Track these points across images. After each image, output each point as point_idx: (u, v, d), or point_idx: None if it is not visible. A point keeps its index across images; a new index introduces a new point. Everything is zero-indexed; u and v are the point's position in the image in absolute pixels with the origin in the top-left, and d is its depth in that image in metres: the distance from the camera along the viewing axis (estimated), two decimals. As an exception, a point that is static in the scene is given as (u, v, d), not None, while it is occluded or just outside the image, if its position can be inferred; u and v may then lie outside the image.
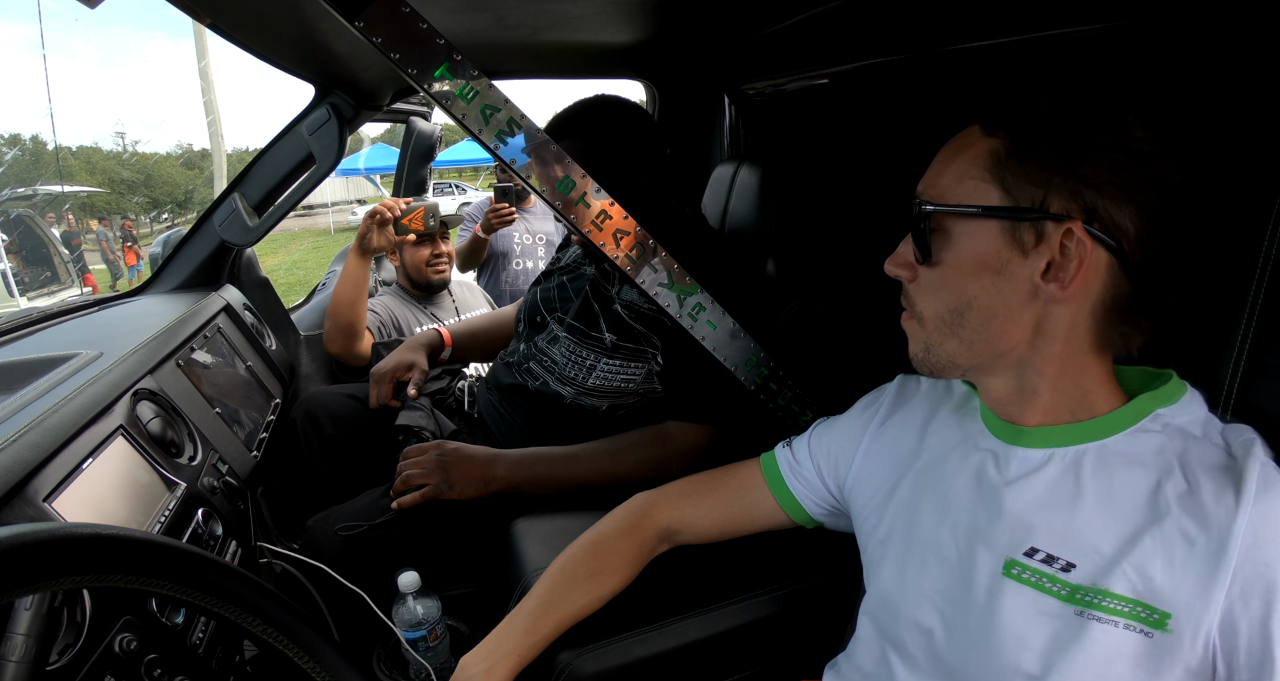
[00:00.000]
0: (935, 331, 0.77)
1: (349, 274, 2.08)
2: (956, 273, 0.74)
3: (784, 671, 1.08)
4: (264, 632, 0.57)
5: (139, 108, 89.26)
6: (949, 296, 0.75)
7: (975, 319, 0.74)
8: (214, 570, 0.53)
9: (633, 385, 1.48)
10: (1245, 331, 0.76)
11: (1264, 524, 0.61)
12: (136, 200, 27.45)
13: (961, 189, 0.73)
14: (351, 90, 1.81)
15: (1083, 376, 0.74)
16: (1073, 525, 0.70)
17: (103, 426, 1.08)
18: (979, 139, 0.73)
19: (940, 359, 0.78)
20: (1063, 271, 0.68)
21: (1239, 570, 0.61)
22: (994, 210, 0.70)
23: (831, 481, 0.99)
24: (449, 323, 2.45)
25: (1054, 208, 0.68)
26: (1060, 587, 0.69)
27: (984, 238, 0.71)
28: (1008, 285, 0.71)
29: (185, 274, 1.98)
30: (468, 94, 1.02)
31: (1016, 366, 0.75)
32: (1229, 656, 0.61)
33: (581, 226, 1.13)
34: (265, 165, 1.91)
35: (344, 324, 2.13)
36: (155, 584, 0.49)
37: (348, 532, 1.38)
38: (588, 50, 1.87)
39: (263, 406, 1.72)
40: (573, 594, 0.99)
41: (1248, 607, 0.60)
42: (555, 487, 1.41)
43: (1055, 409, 0.75)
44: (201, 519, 1.16)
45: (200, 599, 0.52)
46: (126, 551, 0.47)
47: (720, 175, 1.94)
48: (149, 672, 0.87)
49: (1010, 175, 0.70)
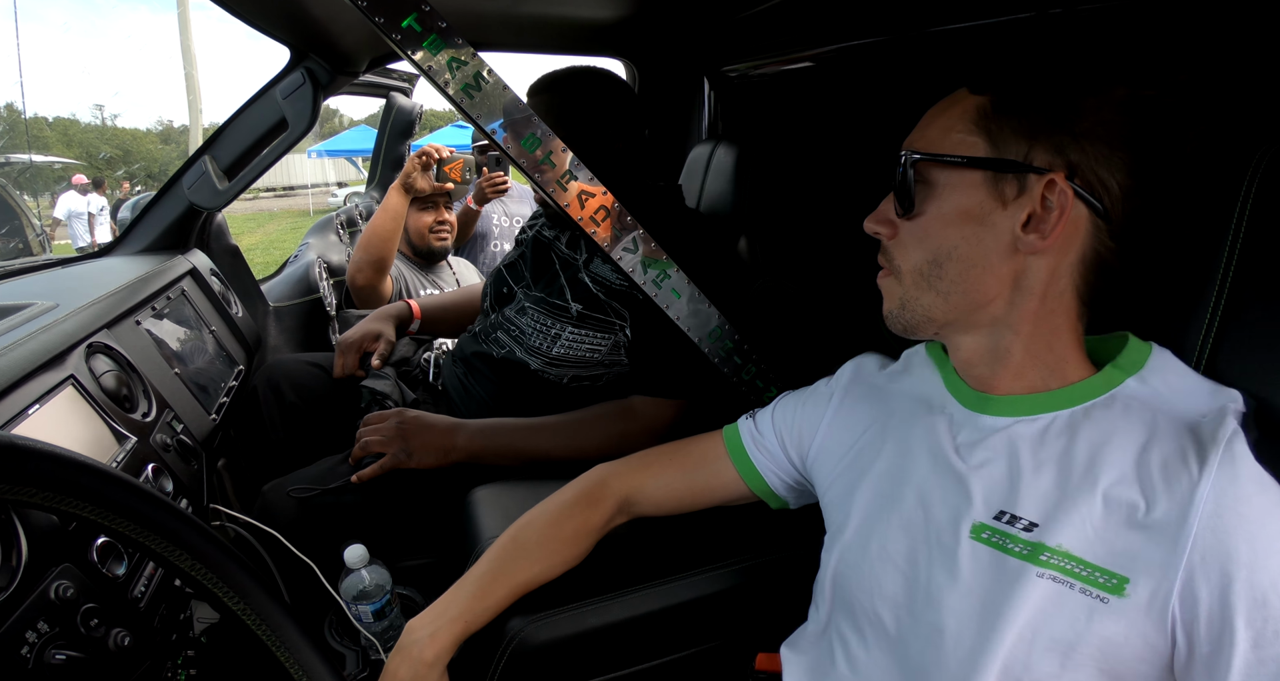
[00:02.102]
0: (913, 285, 0.78)
1: (389, 207, 2.15)
2: (939, 222, 0.75)
3: (742, 645, 1.07)
4: (192, 568, 0.55)
5: (119, 81, 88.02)
6: (929, 246, 0.75)
7: (954, 269, 0.74)
8: (140, 497, 0.52)
9: (598, 355, 1.46)
10: (1216, 300, 0.77)
11: (1226, 493, 0.61)
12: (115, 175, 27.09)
13: (948, 141, 0.74)
14: (328, 55, 1.78)
15: (1056, 340, 0.75)
16: (1036, 489, 0.71)
17: (52, 376, 1.06)
18: (966, 97, 0.75)
19: (916, 314, 0.79)
20: (1043, 223, 0.70)
21: (1199, 538, 0.61)
22: (979, 161, 0.72)
23: (795, 453, 0.98)
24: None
25: (1037, 161, 0.70)
26: (1022, 548, 0.69)
27: (967, 188, 0.73)
28: (988, 235, 0.72)
29: (152, 236, 1.93)
30: (433, 44, 1.00)
31: (991, 325, 0.76)
32: (1189, 627, 0.61)
33: (548, 188, 1.12)
34: (237, 128, 1.87)
35: (375, 256, 2.20)
36: (72, 503, 0.47)
37: (300, 495, 1.35)
38: (568, 25, 1.86)
39: (225, 372, 1.69)
40: (525, 562, 0.98)
41: (1208, 577, 0.60)
42: (517, 459, 1.39)
43: (1027, 373, 0.76)
44: (151, 473, 1.14)
45: (124, 525, 0.51)
46: (43, 464, 0.46)
47: (697, 155, 1.94)
48: (85, 622, 0.85)
49: (996, 128, 0.71)
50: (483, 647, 0.97)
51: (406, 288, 2.47)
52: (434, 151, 2.17)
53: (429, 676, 0.89)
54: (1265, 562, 0.59)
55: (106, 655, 0.86)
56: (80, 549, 0.91)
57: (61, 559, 0.86)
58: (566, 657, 0.99)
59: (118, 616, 0.91)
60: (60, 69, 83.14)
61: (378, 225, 2.19)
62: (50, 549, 0.85)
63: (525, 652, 0.96)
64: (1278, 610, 0.58)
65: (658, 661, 1.05)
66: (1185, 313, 0.79)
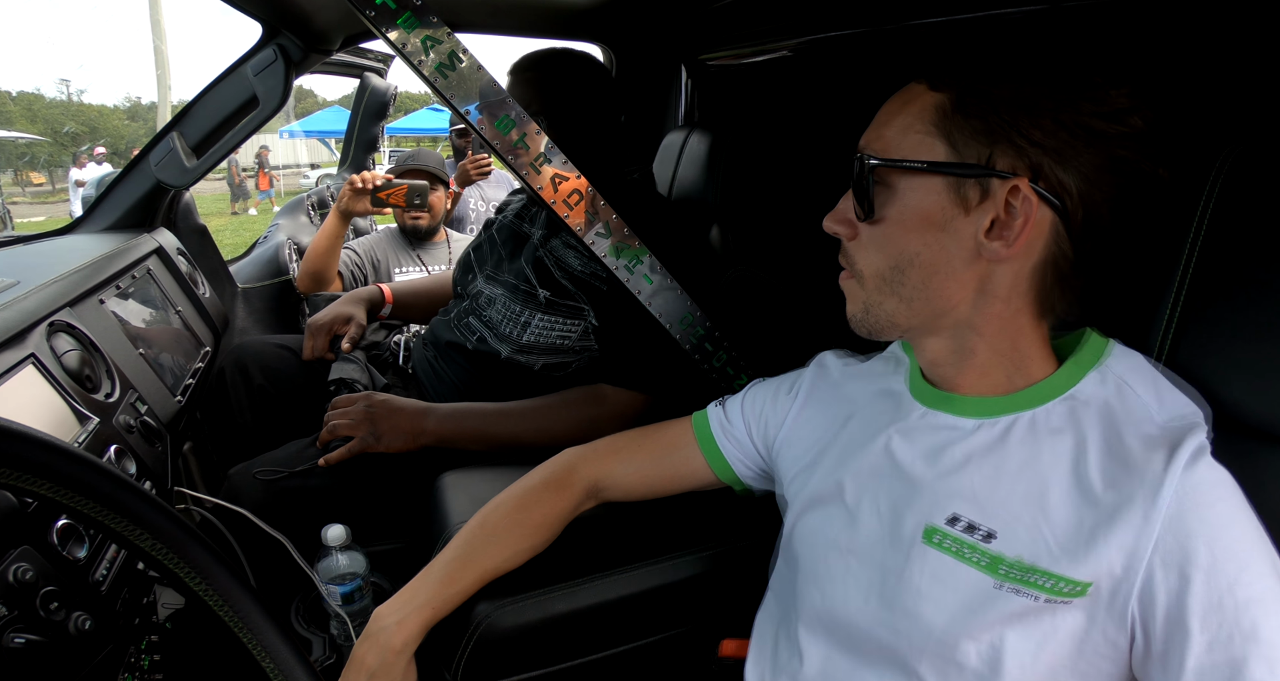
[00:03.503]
0: (875, 290, 0.76)
1: (325, 229, 2.29)
2: (900, 228, 0.72)
3: (707, 632, 1.08)
4: (154, 549, 0.54)
5: (84, 54, 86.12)
6: (891, 253, 0.73)
7: (916, 276, 0.72)
8: (101, 475, 0.51)
9: (569, 342, 1.46)
10: (1176, 298, 0.78)
11: (1188, 497, 0.62)
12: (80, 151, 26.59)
13: (906, 143, 0.71)
14: (301, 31, 1.75)
15: (1020, 339, 0.74)
16: (996, 494, 0.70)
17: (12, 354, 1.04)
18: (924, 93, 0.72)
19: (880, 319, 0.77)
20: (1007, 230, 0.68)
21: (1160, 540, 0.61)
22: (940, 166, 0.69)
23: (760, 442, 0.99)
24: (435, 270, 2.62)
25: (1000, 165, 0.67)
26: (981, 557, 0.69)
27: (928, 193, 0.70)
28: (951, 242, 0.70)
29: (117, 214, 1.90)
30: (408, 22, 0.99)
31: (955, 327, 0.75)
32: (1146, 625, 0.62)
33: (521, 170, 1.11)
34: (206, 105, 1.84)
35: (313, 270, 2.31)
36: (30, 480, 0.46)
37: (265, 477, 1.34)
38: (546, 8, 1.84)
39: (191, 353, 1.67)
40: (493, 547, 0.97)
41: (1167, 578, 0.61)
42: (486, 444, 1.39)
43: (991, 373, 0.75)
44: (114, 455, 1.12)
45: (83, 504, 0.50)
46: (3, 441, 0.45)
47: (670, 142, 1.93)
48: (45, 605, 0.84)
49: (956, 130, 0.68)
50: (449, 633, 0.96)
51: (376, 266, 2.55)
52: (357, 181, 2.21)
53: (396, 663, 0.88)
54: (1223, 566, 0.60)
55: (67, 639, 0.85)
56: (40, 530, 0.89)
57: (20, 541, 0.85)
58: (533, 643, 0.99)
59: (78, 600, 0.90)
60: (24, 41, 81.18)
61: (315, 243, 2.31)
62: (8, 530, 0.84)
63: (492, 638, 0.95)
64: (1233, 613, 0.59)
65: (624, 647, 1.06)
66: (1147, 310, 0.80)
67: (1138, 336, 0.80)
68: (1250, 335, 0.73)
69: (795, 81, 1.93)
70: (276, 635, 0.61)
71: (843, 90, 1.76)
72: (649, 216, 1.33)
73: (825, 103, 1.85)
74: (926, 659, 0.71)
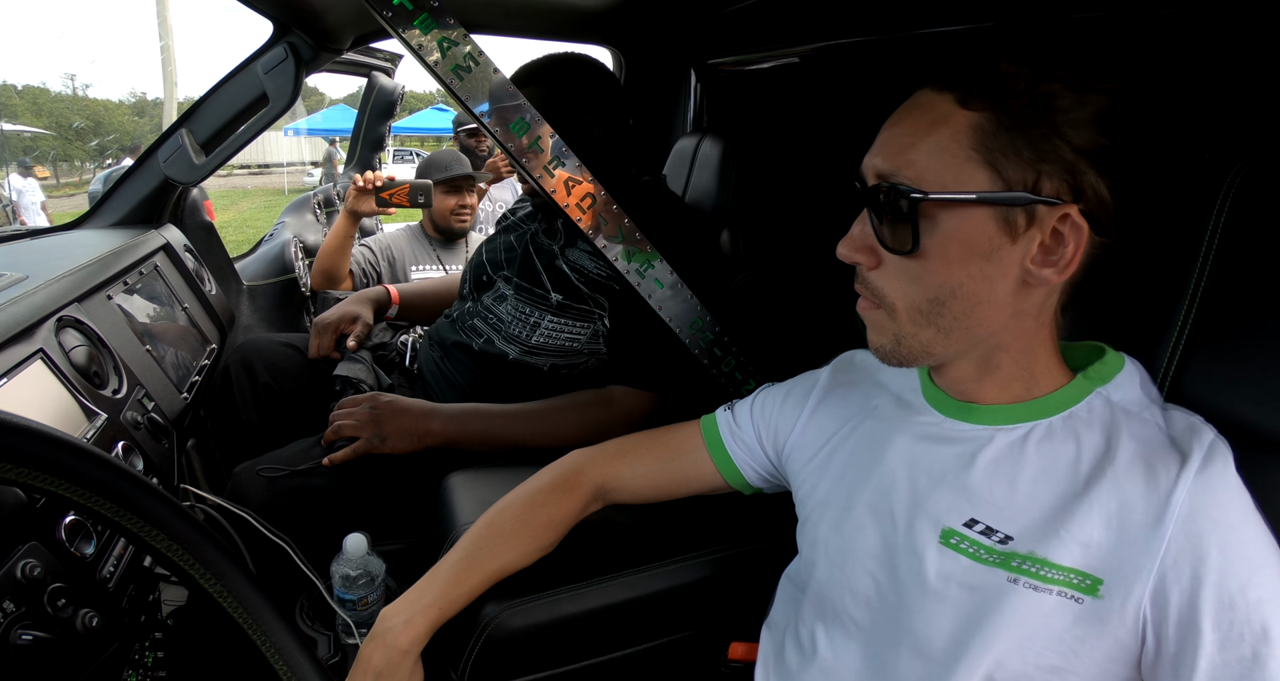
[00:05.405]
0: (909, 322, 0.72)
1: (335, 229, 2.30)
2: (941, 261, 0.68)
3: (716, 634, 1.08)
4: (169, 549, 0.54)
5: (92, 50, 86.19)
6: (930, 285, 0.69)
7: (958, 307, 0.69)
8: (120, 476, 0.51)
9: (578, 344, 1.46)
10: (1186, 316, 0.78)
11: (1202, 498, 0.62)
12: (88, 146, 26.61)
13: (946, 171, 0.66)
14: (311, 30, 1.74)
15: (1041, 351, 0.74)
16: (1014, 499, 0.70)
17: (21, 349, 1.04)
18: (954, 110, 0.66)
19: (913, 350, 0.73)
20: (1054, 255, 0.66)
21: (1173, 541, 0.62)
22: (990, 197, 0.65)
23: (770, 447, 0.98)
24: (453, 269, 2.64)
25: (1045, 190, 0.64)
26: (996, 558, 0.69)
27: (974, 223, 0.66)
28: (996, 271, 0.67)
29: (125, 210, 1.89)
30: (424, 23, 0.99)
31: (982, 345, 0.73)
32: (1158, 627, 0.62)
33: (535, 173, 1.11)
34: (216, 102, 1.83)
35: (324, 268, 2.34)
36: (48, 480, 0.46)
37: (269, 474, 1.34)
38: (557, 11, 1.84)
39: (197, 350, 1.67)
40: (500, 548, 0.97)
41: (1179, 579, 0.61)
42: (492, 445, 1.38)
43: (1011, 385, 0.75)
44: (121, 451, 1.12)
45: (101, 504, 0.50)
46: (16, 438, 0.44)
47: (683, 148, 1.93)
48: (52, 602, 0.84)
49: (1000, 154, 0.64)
50: (457, 634, 0.96)
51: (392, 263, 2.56)
52: (360, 180, 2.22)
53: (403, 663, 0.88)
54: (1235, 567, 0.60)
55: (74, 636, 0.85)
56: (48, 527, 0.89)
57: (28, 537, 0.85)
58: (541, 644, 0.98)
59: (86, 597, 0.90)
60: (30, 35, 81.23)
61: (326, 243, 2.33)
62: (17, 526, 0.84)
63: (500, 639, 0.95)
64: (1244, 614, 0.59)
65: (632, 649, 1.05)
66: (1157, 328, 0.80)
67: (1148, 350, 0.80)
68: (1260, 349, 0.73)
69: (804, 88, 1.93)
70: (288, 634, 0.61)
71: (851, 97, 1.76)
72: (660, 221, 1.33)
73: (834, 110, 1.85)
74: (940, 658, 0.71)
